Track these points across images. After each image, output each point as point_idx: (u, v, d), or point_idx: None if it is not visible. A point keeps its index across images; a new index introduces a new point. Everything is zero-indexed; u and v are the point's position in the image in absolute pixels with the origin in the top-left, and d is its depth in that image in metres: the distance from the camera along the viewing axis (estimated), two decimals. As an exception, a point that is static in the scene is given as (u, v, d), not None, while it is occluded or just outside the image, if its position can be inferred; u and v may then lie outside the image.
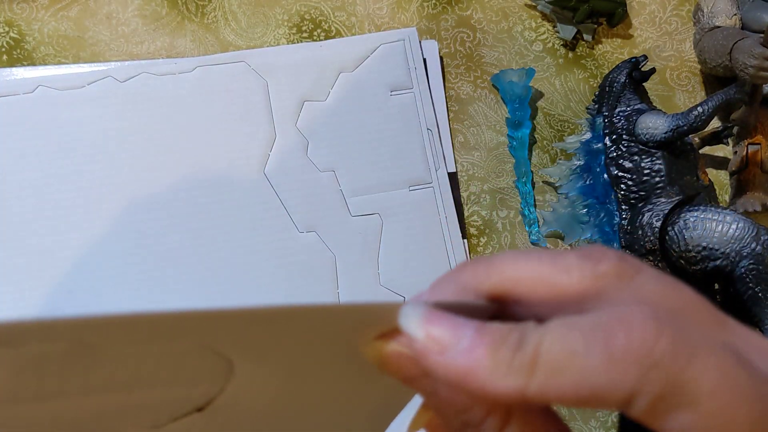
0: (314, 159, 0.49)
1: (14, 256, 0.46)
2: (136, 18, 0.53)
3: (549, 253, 0.19)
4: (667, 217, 0.47)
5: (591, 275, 0.18)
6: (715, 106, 0.47)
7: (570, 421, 0.47)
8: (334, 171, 0.49)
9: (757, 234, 0.44)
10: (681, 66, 0.56)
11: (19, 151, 0.47)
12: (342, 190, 0.49)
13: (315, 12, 0.54)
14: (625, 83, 0.50)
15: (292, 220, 0.48)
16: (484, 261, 0.19)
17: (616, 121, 0.50)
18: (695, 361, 0.16)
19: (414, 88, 0.51)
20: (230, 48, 0.53)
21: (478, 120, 0.53)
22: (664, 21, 0.57)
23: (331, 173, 0.49)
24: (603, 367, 0.16)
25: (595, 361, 0.16)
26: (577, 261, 0.18)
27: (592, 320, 0.17)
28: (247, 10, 0.54)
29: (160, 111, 0.49)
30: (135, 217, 0.47)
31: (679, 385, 0.16)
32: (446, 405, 0.18)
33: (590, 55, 0.55)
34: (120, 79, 0.49)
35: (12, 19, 0.52)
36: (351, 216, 0.48)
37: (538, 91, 0.54)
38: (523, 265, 0.18)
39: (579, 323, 0.17)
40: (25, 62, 0.51)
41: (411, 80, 0.51)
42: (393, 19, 0.54)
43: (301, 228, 0.48)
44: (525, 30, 0.55)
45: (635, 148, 0.49)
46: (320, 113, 0.50)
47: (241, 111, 0.49)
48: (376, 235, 0.48)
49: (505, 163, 0.52)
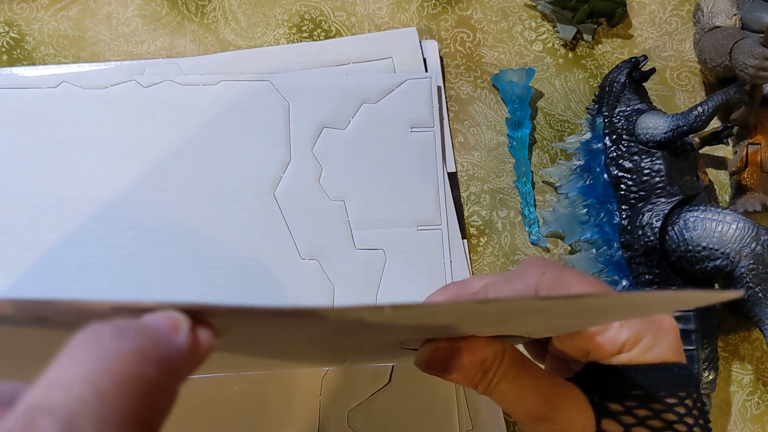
0: (326, 186, 0.48)
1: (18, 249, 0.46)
2: (136, 18, 0.53)
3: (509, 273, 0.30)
4: (667, 217, 0.47)
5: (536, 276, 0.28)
6: (715, 106, 0.47)
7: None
8: (344, 201, 0.48)
9: (757, 234, 0.44)
10: (681, 66, 0.56)
11: (34, 144, 0.47)
12: (349, 221, 0.48)
13: (315, 12, 0.54)
14: (625, 83, 0.50)
15: (295, 245, 0.47)
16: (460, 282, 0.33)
17: (616, 121, 0.50)
18: (567, 271, 0.29)
19: (435, 127, 0.50)
20: (230, 48, 0.53)
21: (478, 120, 0.53)
22: (664, 21, 0.57)
23: (341, 203, 0.48)
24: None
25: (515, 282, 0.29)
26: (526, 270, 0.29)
27: None
28: (247, 10, 0.54)
29: (178, 120, 0.49)
30: (139, 222, 0.47)
31: (559, 281, 0.28)
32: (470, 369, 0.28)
33: (590, 55, 0.55)
34: (144, 84, 0.49)
35: (12, 19, 0.52)
36: (355, 248, 0.48)
37: (538, 91, 0.54)
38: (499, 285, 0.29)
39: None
40: (25, 62, 0.51)
41: (433, 119, 0.50)
42: (393, 19, 0.54)
43: (304, 254, 0.47)
44: (525, 30, 0.55)
45: (635, 148, 0.48)
46: (338, 141, 0.49)
47: (259, 129, 0.49)
48: (377, 271, 0.48)
49: (505, 163, 0.52)
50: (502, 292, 0.28)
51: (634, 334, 0.28)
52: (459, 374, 0.28)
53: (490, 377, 0.27)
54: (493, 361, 0.27)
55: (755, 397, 0.50)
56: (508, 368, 0.28)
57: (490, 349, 0.27)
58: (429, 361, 0.28)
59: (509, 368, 0.28)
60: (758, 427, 0.50)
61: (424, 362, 0.28)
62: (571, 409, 0.27)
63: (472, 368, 0.27)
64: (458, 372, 0.27)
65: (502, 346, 0.28)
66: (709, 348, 0.47)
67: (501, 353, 0.28)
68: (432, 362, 0.28)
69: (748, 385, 0.50)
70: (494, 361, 0.27)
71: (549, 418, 0.27)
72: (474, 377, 0.28)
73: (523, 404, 0.28)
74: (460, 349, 0.27)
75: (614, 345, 0.28)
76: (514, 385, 0.28)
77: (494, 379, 0.28)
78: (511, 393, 0.28)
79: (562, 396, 0.28)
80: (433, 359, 0.28)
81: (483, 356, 0.27)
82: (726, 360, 0.51)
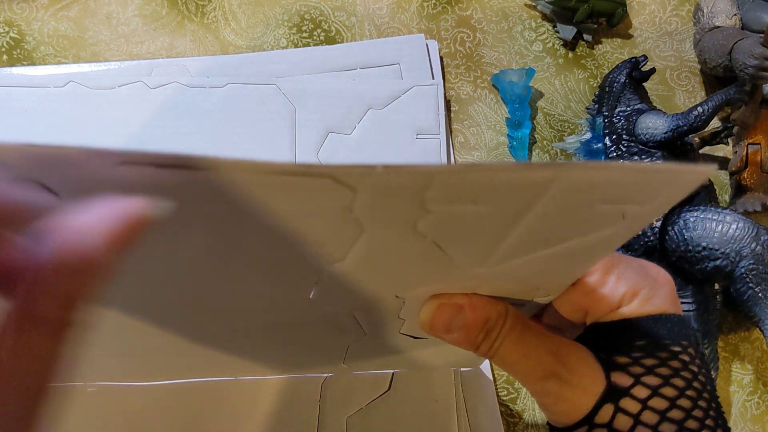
0: None
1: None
2: (136, 18, 0.53)
3: None
4: (667, 217, 0.47)
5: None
6: (715, 106, 0.47)
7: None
8: None
9: (757, 234, 0.44)
10: (681, 66, 0.56)
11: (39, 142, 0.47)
12: None
13: (315, 12, 0.54)
14: (625, 83, 0.50)
15: None
16: None
17: (616, 121, 0.50)
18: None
19: (440, 134, 0.50)
20: (230, 48, 0.53)
21: (478, 120, 0.53)
22: (664, 21, 0.57)
23: None
24: None
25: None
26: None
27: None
28: (247, 10, 0.54)
29: (184, 122, 0.49)
30: None
31: None
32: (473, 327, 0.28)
33: (590, 55, 0.55)
34: (151, 85, 0.49)
35: (12, 19, 0.52)
36: None
37: (538, 91, 0.54)
38: None
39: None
40: (25, 62, 0.51)
41: (439, 126, 0.51)
42: (393, 19, 0.54)
43: None
44: (525, 30, 0.55)
45: (635, 148, 0.48)
46: (343, 146, 0.49)
47: (264, 133, 0.49)
48: None
49: (505, 163, 0.52)
50: None
51: (632, 287, 0.28)
52: (461, 333, 0.28)
53: (493, 338, 0.28)
54: (496, 321, 0.27)
55: (755, 397, 0.50)
56: (511, 329, 0.28)
57: (493, 308, 0.27)
58: (432, 320, 0.28)
59: (512, 329, 0.28)
60: (758, 427, 0.50)
61: (428, 322, 0.28)
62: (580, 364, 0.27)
63: (474, 327, 0.27)
64: (461, 331, 0.27)
65: (505, 306, 0.28)
66: (709, 348, 0.47)
67: (504, 313, 0.28)
68: (435, 321, 0.28)
69: (748, 385, 0.50)
70: (497, 321, 0.27)
71: (558, 375, 0.27)
72: (476, 337, 0.28)
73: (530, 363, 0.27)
74: (463, 306, 0.27)
75: (613, 299, 0.28)
76: (519, 346, 0.27)
77: (497, 340, 0.28)
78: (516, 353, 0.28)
79: (570, 353, 0.27)
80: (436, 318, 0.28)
81: (486, 314, 0.27)
82: (726, 360, 0.51)
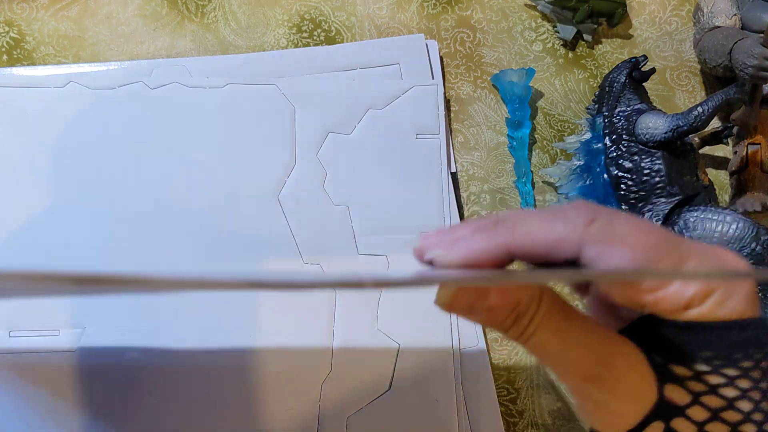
0: (330, 191, 0.49)
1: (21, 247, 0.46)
2: (136, 18, 0.53)
3: (549, 211, 0.24)
4: (667, 217, 0.47)
5: (583, 224, 0.23)
6: (715, 106, 0.47)
7: (571, 422, 0.47)
8: (348, 206, 0.48)
9: (757, 234, 0.44)
10: (681, 66, 0.56)
11: (40, 142, 0.47)
12: (353, 226, 0.48)
13: (315, 12, 0.54)
14: (625, 83, 0.50)
15: (298, 249, 0.47)
16: (503, 222, 0.24)
17: (616, 121, 0.50)
18: (619, 217, 0.23)
19: (440, 134, 0.50)
20: (230, 48, 0.53)
21: (478, 120, 0.53)
22: (664, 21, 0.57)
23: (344, 208, 0.48)
24: (562, 225, 0.23)
25: (557, 223, 0.23)
26: (573, 214, 0.24)
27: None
28: (247, 10, 0.54)
29: (184, 122, 0.49)
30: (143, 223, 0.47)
31: (610, 231, 0.23)
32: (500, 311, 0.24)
33: (590, 55, 0.55)
34: (151, 86, 0.49)
35: (12, 19, 0.52)
36: (358, 254, 0.48)
37: (538, 91, 0.54)
38: (536, 223, 0.24)
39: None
40: (25, 62, 0.51)
41: (438, 126, 0.50)
42: (393, 19, 0.54)
43: (306, 259, 0.47)
44: (525, 30, 0.55)
45: (635, 148, 0.49)
46: (343, 146, 0.49)
47: (264, 133, 0.49)
48: None
49: (505, 163, 0.52)
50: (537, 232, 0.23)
51: (706, 285, 0.23)
52: (486, 316, 0.24)
53: (524, 323, 0.24)
54: (528, 305, 0.23)
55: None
56: (547, 316, 0.24)
57: (524, 291, 0.23)
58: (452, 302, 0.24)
59: (549, 316, 0.24)
60: (758, 427, 0.50)
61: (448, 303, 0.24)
62: (628, 371, 0.23)
63: (501, 311, 0.24)
64: (485, 314, 0.24)
65: (540, 288, 0.24)
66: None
67: (538, 297, 0.24)
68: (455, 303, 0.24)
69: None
70: (530, 305, 0.24)
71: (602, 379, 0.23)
72: (504, 321, 0.24)
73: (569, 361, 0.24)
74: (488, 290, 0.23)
75: (679, 301, 0.23)
76: (556, 338, 0.24)
77: (530, 326, 0.24)
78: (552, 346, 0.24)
79: (617, 354, 0.23)
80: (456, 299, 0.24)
81: (515, 299, 0.23)
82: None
